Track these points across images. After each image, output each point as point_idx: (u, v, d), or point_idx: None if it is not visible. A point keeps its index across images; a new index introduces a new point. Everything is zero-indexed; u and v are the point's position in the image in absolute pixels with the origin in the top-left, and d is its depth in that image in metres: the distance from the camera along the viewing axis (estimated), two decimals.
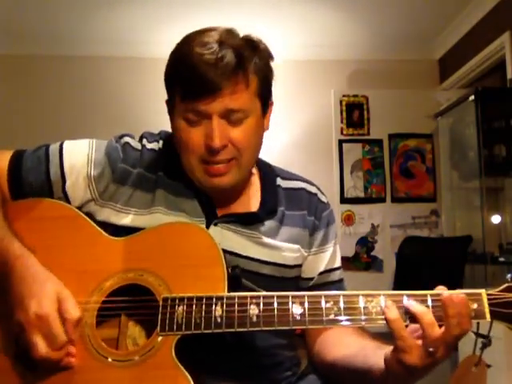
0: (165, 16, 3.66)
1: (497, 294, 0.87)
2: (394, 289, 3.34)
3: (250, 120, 1.02)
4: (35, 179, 1.04)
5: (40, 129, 3.84)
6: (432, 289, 0.90)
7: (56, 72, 4.09)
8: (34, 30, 3.89)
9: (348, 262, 3.71)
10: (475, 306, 0.86)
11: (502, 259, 3.06)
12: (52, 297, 0.89)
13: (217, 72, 0.97)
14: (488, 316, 0.85)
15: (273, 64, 1.07)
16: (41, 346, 0.86)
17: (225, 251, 0.98)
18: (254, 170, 1.17)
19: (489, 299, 0.86)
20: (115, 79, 4.09)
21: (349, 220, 3.84)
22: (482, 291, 0.87)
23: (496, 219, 3.43)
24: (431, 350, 0.82)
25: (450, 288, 0.89)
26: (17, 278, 0.90)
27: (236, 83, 0.98)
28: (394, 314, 0.84)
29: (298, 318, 0.88)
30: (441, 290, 0.89)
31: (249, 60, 1.01)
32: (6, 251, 0.93)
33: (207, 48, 0.98)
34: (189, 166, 1.04)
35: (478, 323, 0.86)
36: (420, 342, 0.83)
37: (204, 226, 1.05)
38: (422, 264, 3.19)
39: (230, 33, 1.03)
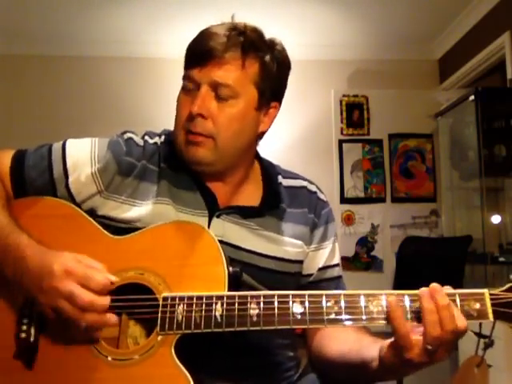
0: (164, 16, 3.66)
1: (500, 293, 0.86)
2: (394, 289, 3.33)
3: (237, 102, 1.02)
4: (38, 176, 1.04)
5: (38, 129, 3.83)
6: None
7: (54, 72, 4.08)
8: (32, 30, 3.88)
9: (348, 262, 3.71)
10: (478, 306, 0.85)
11: (502, 259, 3.06)
12: (72, 257, 0.89)
13: (216, 43, 1.00)
14: (491, 316, 0.85)
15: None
16: (83, 292, 0.85)
17: (227, 244, 0.97)
18: (257, 166, 1.17)
19: (491, 299, 0.85)
20: (114, 79, 4.08)
21: (349, 220, 3.83)
22: (485, 291, 0.86)
23: (496, 219, 3.43)
24: (430, 348, 0.81)
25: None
26: (32, 262, 0.89)
27: (231, 59, 1.00)
28: (396, 313, 0.83)
29: (299, 317, 0.87)
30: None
31: (255, 48, 1.03)
32: (17, 245, 0.91)
33: (221, 26, 1.03)
34: (176, 138, 1.05)
35: (480, 324, 0.85)
36: (420, 339, 0.83)
37: (206, 218, 1.05)
38: (422, 264, 3.18)
39: (254, 28, 1.05)
